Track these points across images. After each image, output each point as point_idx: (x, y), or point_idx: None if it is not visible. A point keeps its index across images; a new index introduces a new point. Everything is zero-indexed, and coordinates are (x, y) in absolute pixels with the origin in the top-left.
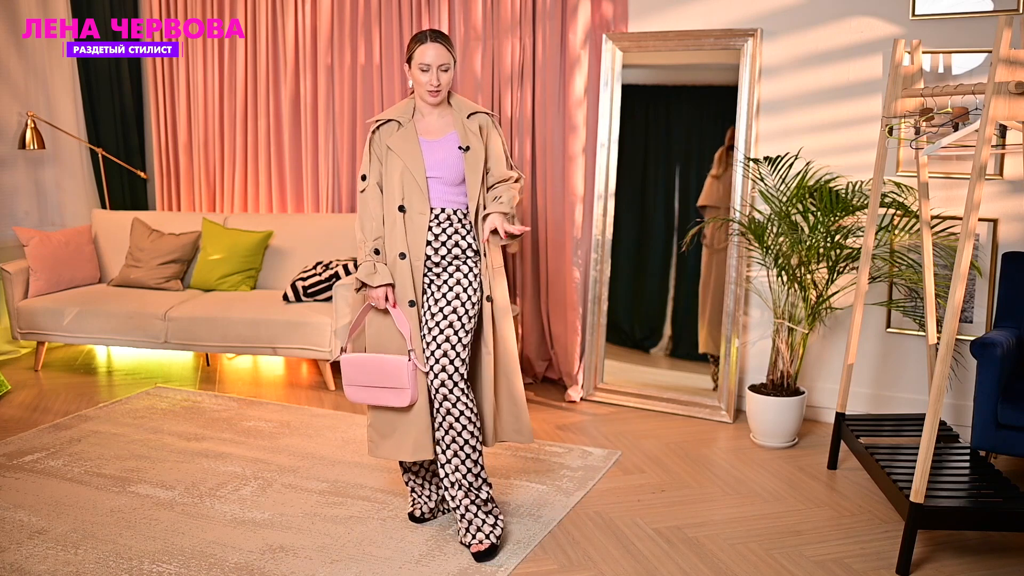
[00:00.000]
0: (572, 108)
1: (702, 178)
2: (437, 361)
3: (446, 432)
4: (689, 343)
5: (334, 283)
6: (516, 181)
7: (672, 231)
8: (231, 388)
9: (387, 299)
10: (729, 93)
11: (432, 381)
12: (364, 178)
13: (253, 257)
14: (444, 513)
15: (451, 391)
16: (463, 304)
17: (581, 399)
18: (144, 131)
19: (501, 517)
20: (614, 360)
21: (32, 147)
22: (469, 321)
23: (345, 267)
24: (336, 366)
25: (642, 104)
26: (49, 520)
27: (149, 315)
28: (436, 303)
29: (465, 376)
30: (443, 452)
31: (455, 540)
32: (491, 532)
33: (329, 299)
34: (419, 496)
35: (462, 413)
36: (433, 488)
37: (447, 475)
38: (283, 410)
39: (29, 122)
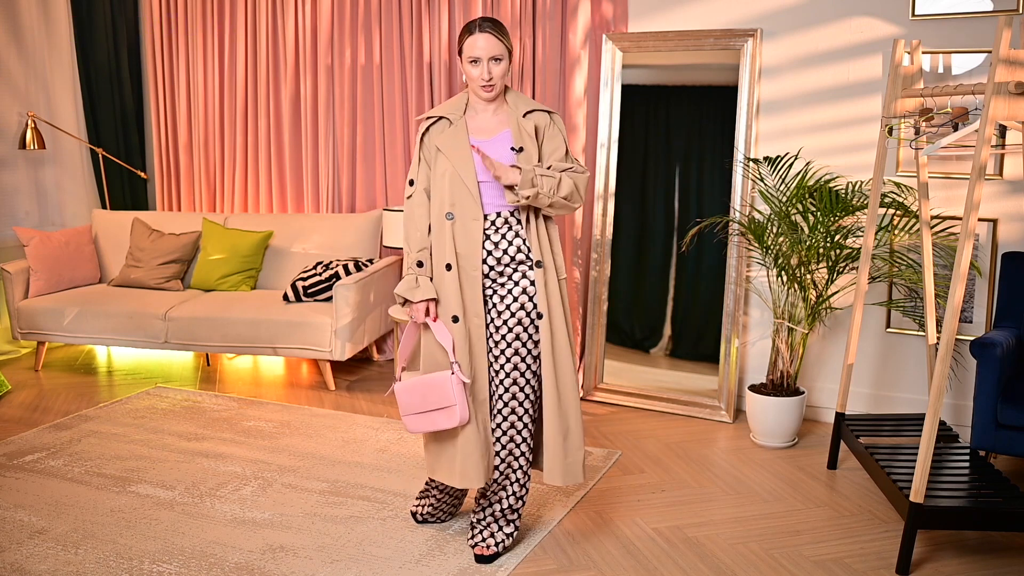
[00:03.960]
0: (572, 108)
1: (702, 178)
2: (508, 375)
3: (509, 453)
4: (689, 343)
5: (334, 283)
6: (574, 171)
7: (672, 231)
8: (231, 388)
9: (428, 313)
10: (729, 93)
11: (502, 395)
12: (412, 183)
13: (253, 257)
14: (451, 517)
15: (521, 404)
16: (528, 314)
17: (581, 399)
18: (144, 131)
19: (516, 535)
20: (614, 360)
21: (32, 147)
22: (536, 332)
23: (345, 267)
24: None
25: (642, 104)
26: (49, 520)
27: (149, 315)
28: (500, 315)
29: (538, 393)
30: (495, 469)
31: (455, 540)
32: (502, 542)
33: (329, 299)
34: (435, 506)
35: (529, 434)
36: (455, 507)
37: (492, 492)
38: (283, 410)
39: (29, 122)
